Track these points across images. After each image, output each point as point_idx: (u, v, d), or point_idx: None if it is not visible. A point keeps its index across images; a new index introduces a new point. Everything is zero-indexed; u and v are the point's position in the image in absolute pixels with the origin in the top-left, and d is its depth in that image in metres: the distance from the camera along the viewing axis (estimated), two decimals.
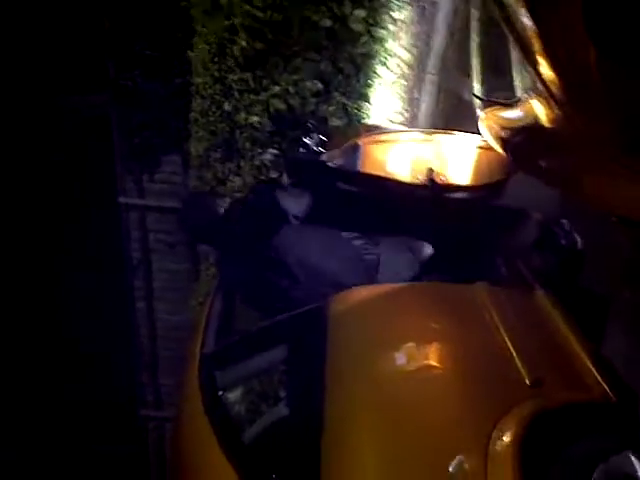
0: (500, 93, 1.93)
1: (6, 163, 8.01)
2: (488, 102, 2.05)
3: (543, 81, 1.49)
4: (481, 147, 2.45)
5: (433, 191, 2.26)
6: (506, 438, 1.24)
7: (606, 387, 1.52)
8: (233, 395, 1.74)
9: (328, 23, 4.08)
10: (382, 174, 2.36)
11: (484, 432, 1.29)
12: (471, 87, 2.51)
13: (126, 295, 8.48)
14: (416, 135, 2.70)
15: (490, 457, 1.22)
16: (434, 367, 1.54)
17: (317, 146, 2.58)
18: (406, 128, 4.34)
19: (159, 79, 7.27)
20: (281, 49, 4.22)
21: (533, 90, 1.55)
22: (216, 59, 4.69)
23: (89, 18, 7.21)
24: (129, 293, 8.52)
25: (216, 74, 4.72)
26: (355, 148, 2.40)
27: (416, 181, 2.32)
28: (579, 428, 1.34)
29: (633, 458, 1.27)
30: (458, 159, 2.40)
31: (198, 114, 5.33)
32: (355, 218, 2.34)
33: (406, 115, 4.52)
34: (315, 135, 2.75)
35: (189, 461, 1.62)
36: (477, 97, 2.12)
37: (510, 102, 1.76)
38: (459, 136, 2.63)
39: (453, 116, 3.98)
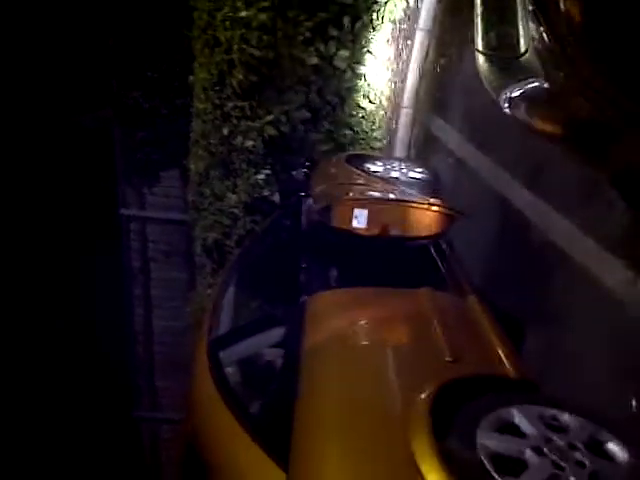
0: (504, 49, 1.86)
1: (12, 174, 8.33)
2: (491, 56, 2.00)
3: (551, 31, 1.47)
4: (427, 209, 2.97)
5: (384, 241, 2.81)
6: (424, 396, 1.75)
7: (510, 368, 2.04)
8: (233, 369, 2.28)
9: (315, 61, 4.59)
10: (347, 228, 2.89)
11: (414, 393, 1.80)
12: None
13: (125, 302, 8.91)
14: (376, 199, 3.21)
15: (413, 409, 1.72)
16: (381, 350, 2.05)
17: (301, 177, 3.13)
18: (383, 155, 4.86)
19: (160, 99, 7.79)
20: (274, 82, 4.71)
21: (539, 41, 1.51)
22: (216, 88, 5.19)
23: (95, 39, 7.66)
24: (128, 300, 8.96)
25: (216, 101, 5.22)
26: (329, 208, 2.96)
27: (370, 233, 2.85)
28: (480, 392, 1.85)
29: (514, 410, 1.78)
30: (408, 218, 2.94)
31: (199, 136, 5.80)
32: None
33: (384, 142, 5.06)
34: (300, 170, 3.30)
35: (200, 419, 2.14)
36: (480, 52, 2.04)
37: (513, 56, 1.69)
38: (413, 199, 3.17)
39: (423, 144, 4.51)
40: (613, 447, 1.70)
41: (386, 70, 5.02)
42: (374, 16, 4.77)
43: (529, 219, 2.57)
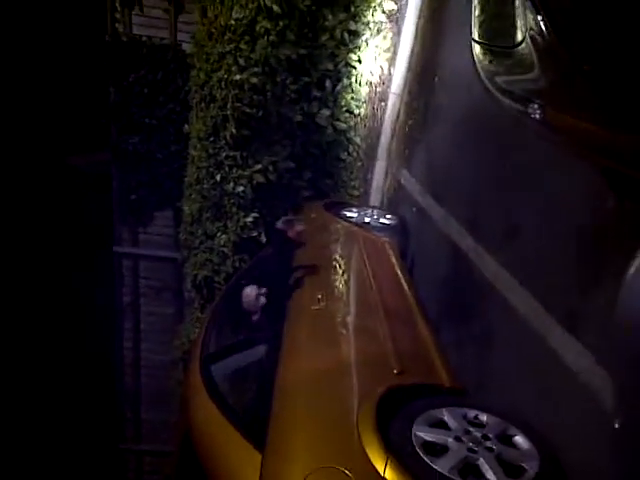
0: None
1: (13, 212, 8.70)
2: (488, 47, 1.98)
3: (549, 21, 1.45)
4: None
5: None
6: (371, 400, 2.22)
7: (445, 378, 2.52)
8: (221, 379, 2.75)
9: (300, 118, 5.18)
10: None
11: (365, 396, 2.28)
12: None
13: (115, 335, 9.23)
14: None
15: (363, 408, 2.20)
16: (340, 366, 2.53)
17: (284, 227, 3.74)
18: (358, 202, 5.43)
19: (156, 144, 8.32)
20: (263, 136, 5.26)
21: (536, 32, 1.48)
22: (211, 139, 5.72)
23: (96, 86, 8.20)
24: (118, 333, 9.29)
25: (210, 151, 5.74)
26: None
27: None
28: (417, 396, 2.33)
29: (444, 410, 2.26)
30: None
31: (193, 180, 6.28)
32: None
33: (361, 190, 5.63)
34: (283, 219, 3.89)
35: (194, 417, 2.59)
36: (477, 42, 2.02)
37: (510, 46, 1.69)
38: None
39: (393, 194, 5.08)
40: (519, 439, 2.20)
41: (363, 127, 5.62)
42: (353, 79, 5.42)
43: (471, 259, 3.10)
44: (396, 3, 5.24)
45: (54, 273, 8.91)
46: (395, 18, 5.27)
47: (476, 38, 2.09)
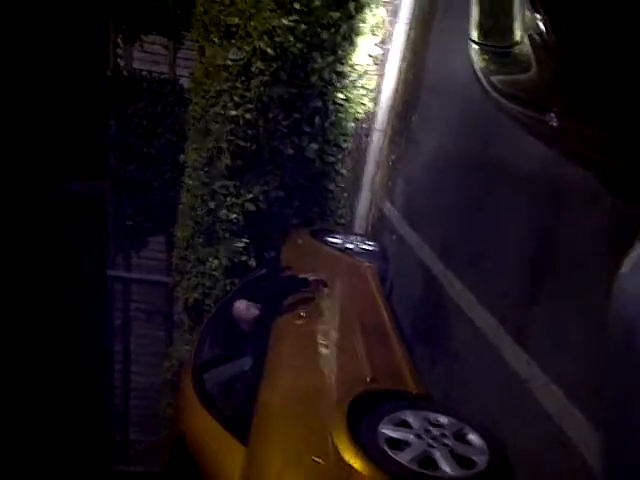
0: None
1: (9, 237, 8.90)
2: (484, 46, 1.96)
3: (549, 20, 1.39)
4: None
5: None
6: (344, 403, 2.51)
7: (412, 385, 2.83)
8: (212, 386, 3.05)
9: (290, 152, 5.53)
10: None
11: (339, 400, 2.58)
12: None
13: (105, 357, 9.39)
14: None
15: (337, 410, 2.49)
16: (317, 369, 2.84)
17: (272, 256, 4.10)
18: (344, 229, 5.77)
19: (153, 173, 8.65)
20: (256, 167, 5.62)
21: (534, 31, 1.45)
22: (206, 169, 6.06)
23: (98, 117, 8.55)
24: (108, 356, 9.46)
25: (205, 180, 6.07)
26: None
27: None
28: (386, 401, 2.62)
29: (409, 413, 2.55)
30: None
31: (187, 207, 6.59)
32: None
33: (347, 219, 5.98)
34: (270, 252, 4.26)
35: (189, 424, 2.88)
36: (474, 42, 2.00)
37: (507, 45, 1.65)
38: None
39: (377, 222, 5.43)
40: (472, 437, 2.50)
41: (349, 160, 6.00)
42: (341, 116, 5.80)
43: (441, 282, 3.43)
44: (382, 48, 5.67)
45: (48, 293, 9.05)
46: (380, 61, 5.69)
47: (474, 39, 2.03)
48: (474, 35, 2.02)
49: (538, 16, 1.43)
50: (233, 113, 5.26)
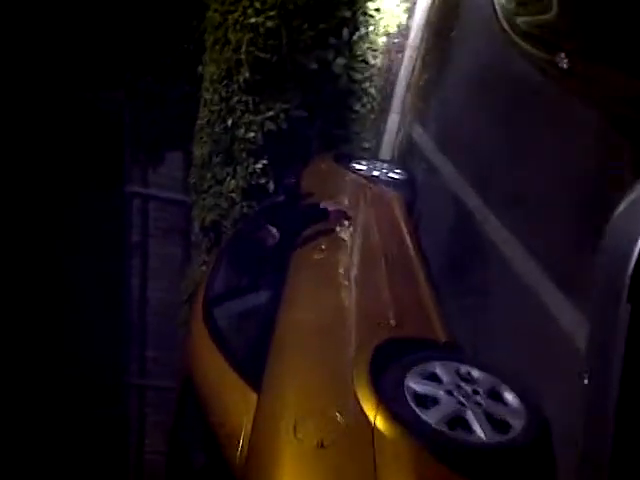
0: None
1: (24, 149, 8.68)
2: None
3: None
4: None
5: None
6: (366, 351, 2.30)
7: (441, 332, 2.59)
8: (223, 321, 2.85)
9: (314, 66, 5.10)
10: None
11: (361, 347, 2.36)
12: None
13: (123, 272, 9.37)
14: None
15: (355, 360, 2.27)
16: (341, 305, 2.60)
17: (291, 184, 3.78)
18: (370, 155, 5.39)
19: (170, 85, 8.25)
20: (276, 82, 5.21)
21: None
22: (224, 82, 5.67)
23: (111, 24, 8.08)
24: (125, 271, 9.43)
25: (223, 94, 5.70)
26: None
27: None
28: (412, 349, 2.40)
29: (438, 365, 2.33)
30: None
31: (204, 123, 6.26)
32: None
33: (372, 143, 5.58)
34: (290, 176, 3.94)
35: (196, 357, 2.70)
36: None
37: None
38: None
39: (405, 148, 5.04)
40: (508, 396, 2.27)
41: (378, 78, 5.53)
42: (370, 29, 5.30)
43: (477, 218, 3.13)
44: None
45: (63, 203, 8.88)
46: None
47: None
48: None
49: None
50: (253, 20, 4.82)
